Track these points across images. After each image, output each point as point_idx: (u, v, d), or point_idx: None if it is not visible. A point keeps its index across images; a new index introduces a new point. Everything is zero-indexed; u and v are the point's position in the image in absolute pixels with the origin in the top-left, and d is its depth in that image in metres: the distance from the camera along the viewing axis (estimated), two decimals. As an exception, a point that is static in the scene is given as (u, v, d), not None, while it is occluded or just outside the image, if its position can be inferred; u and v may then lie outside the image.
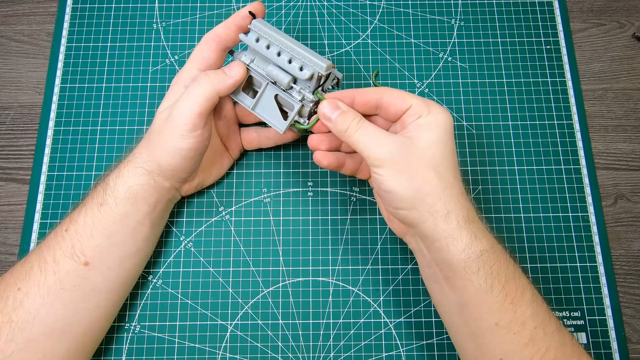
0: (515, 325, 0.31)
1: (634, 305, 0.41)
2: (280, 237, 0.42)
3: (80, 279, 0.34)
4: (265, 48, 0.36)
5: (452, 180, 0.33)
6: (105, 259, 0.35)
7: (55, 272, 0.33)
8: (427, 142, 0.32)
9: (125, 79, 0.47)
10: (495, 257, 0.32)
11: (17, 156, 0.45)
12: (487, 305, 0.31)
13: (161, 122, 0.36)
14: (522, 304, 0.31)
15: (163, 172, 0.36)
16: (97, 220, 0.34)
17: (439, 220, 0.32)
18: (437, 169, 0.32)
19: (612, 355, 0.39)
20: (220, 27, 0.37)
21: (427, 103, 0.34)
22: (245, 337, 0.40)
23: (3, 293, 0.33)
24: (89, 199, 0.36)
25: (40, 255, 0.34)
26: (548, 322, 0.32)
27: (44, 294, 0.33)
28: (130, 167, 0.36)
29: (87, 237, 0.34)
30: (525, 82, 0.47)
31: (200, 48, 0.38)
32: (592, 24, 0.49)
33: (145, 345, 0.39)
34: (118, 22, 0.49)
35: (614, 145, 0.46)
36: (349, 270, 0.41)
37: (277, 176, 0.44)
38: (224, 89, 0.36)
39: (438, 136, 0.33)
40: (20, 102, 0.47)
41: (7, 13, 0.50)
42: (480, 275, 0.31)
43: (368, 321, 0.40)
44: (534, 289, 0.33)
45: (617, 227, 0.43)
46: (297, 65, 0.35)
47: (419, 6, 0.50)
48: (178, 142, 0.35)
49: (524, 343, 0.31)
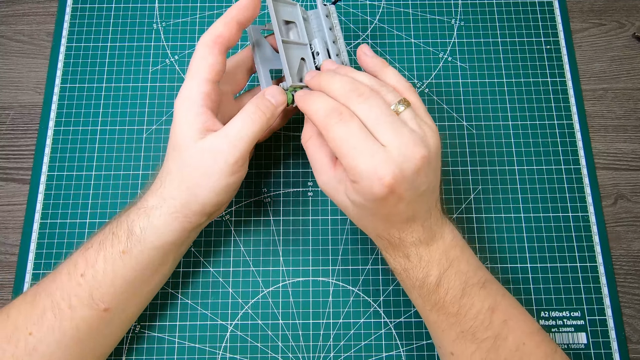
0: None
1: (634, 305, 0.41)
2: (280, 237, 0.42)
3: (99, 323, 0.33)
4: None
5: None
6: (126, 304, 0.34)
7: (72, 319, 0.32)
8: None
9: (125, 79, 0.47)
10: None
11: (17, 156, 0.45)
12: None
13: (202, 159, 0.32)
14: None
15: (204, 211, 0.33)
16: (118, 268, 0.32)
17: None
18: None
19: (612, 355, 0.39)
20: (220, 25, 0.33)
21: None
22: (245, 337, 0.40)
23: (12, 336, 0.31)
24: (108, 243, 0.33)
25: (53, 300, 0.32)
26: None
27: (59, 338, 0.31)
28: (163, 213, 0.33)
29: (107, 285, 0.32)
30: (525, 82, 0.47)
31: (203, 55, 0.33)
32: (592, 24, 0.49)
33: (145, 345, 0.39)
34: (118, 22, 0.49)
35: (614, 145, 0.46)
36: (349, 270, 0.41)
37: (277, 176, 0.44)
38: (272, 120, 0.34)
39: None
40: (20, 102, 0.47)
41: (7, 13, 0.50)
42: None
43: (368, 321, 0.40)
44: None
45: (617, 227, 0.43)
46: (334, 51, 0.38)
47: (419, 6, 0.50)
48: (227, 179, 0.32)
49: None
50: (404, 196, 0.30)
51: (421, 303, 0.34)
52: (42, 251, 0.42)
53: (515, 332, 0.32)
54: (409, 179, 0.29)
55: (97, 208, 0.43)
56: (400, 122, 0.30)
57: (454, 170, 0.44)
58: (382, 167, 0.28)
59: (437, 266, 0.32)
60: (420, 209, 0.31)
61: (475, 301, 0.32)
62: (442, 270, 0.32)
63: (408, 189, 0.29)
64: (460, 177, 0.44)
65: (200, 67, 0.33)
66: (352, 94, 0.31)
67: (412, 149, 0.29)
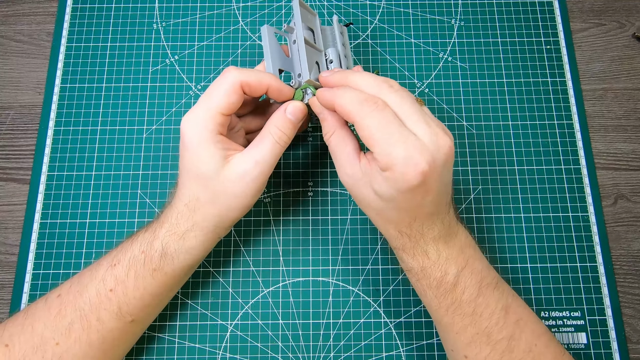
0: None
1: (634, 305, 0.41)
2: (280, 237, 0.42)
3: (124, 333, 0.34)
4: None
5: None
6: (150, 315, 0.36)
7: (99, 331, 0.33)
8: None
9: (125, 79, 0.47)
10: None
11: (17, 156, 0.45)
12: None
13: (232, 184, 0.33)
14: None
15: (232, 225, 0.36)
16: (148, 284, 0.34)
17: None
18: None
19: (612, 355, 0.39)
20: (253, 74, 0.33)
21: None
22: (245, 337, 0.40)
23: (39, 347, 0.32)
24: (139, 262, 0.34)
25: (82, 314, 0.33)
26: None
27: (85, 348, 0.33)
28: (197, 235, 0.34)
29: (137, 299, 0.34)
30: (525, 82, 0.47)
31: (226, 88, 0.33)
32: (592, 24, 0.49)
33: (145, 345, 0.39)
34: (118, 22, 0.49)
35: (614, 145, 0.46)
36: (349, 270, 0.41)
37: (277, 176, 0.44)
38: (292, 137, 0.35)
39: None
40: (20, 102, 0.47)
41: (7, 13, 0.50)
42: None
43: (368, 321, 0.40)
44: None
45: (617, 227, 0.43)
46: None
47: (419, 6, 0.50)
48: (255, 197, 0.34)
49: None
50: (432, 187, 0.30)
51: (436, 304, 0.33)
52: (42, 251, 0.42)
53: (526, 332, 0.32)
54: (439, 170, 0.30)
55: (97, 208, 0.43)
56: (428, 114, 0.31)
57: (454, 170, 0.44)
58: (418, 154, 0.29)
59: (455, 264, 0.32)
60: (441, 204, 0.32)
61: (490, 301, 0.32)
62: (459, 268, 0.32)
63: (437, 180, 0.30)
64: (460, 177, 0.44)
65: (221, 96, 0.33)
66: (384, 85, 0.31)
67: (443, 139, 0.30)
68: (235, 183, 0.33)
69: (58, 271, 0.41)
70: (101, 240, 0.42)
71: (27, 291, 0.41)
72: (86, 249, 0.42)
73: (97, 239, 0.42)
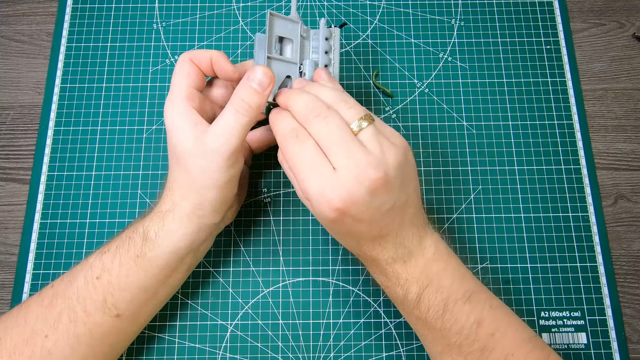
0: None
1: (634, 305, 0.41)
2: (280, 237, 0.42)
3: (112, 329, 0.33)
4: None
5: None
6: (138, 311, 0.35)
7: (86, 323, 0.32)
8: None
9: (125, 79, 0.47)
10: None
11: (17, 156, 0.45)
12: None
13: (200, 160, 0.32)
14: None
15: (215, 208, 0.34)
16: (132, 273, 0.33)
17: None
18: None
19: (612, 355, 0.39)
20: (199, 51, 0.35)
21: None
22: (245, 337, 0.40)
23: (30, 339, 0.32)
24: (124, 248, 0.34)
25: (70, 303, 0.32)
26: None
27: (73, 343, 0.32)
28: (177, 215, 0.33)
29: (121, 289, 0.33)
30: (525, 82, 0.47)
31: (182, 66, 0.34)
32: (592, 24, 0.49)
33: (145, 345, 0.39)
34: (118, 22, 0.49)
35: (614, 145, 0.46)
36: (349, 270, 0.41)
37: (277, 176, 0.44)
38: (261, 106, 0.33)
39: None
40: (20, 102, 0.47)
41: (7, 13, 0.50)
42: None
43: (368, 321, 0.40)
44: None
45: (617, 227, 0.43)
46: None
47: (419, 6, 0.50)
48: (227, 173, 0.33)
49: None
50: (362, 217, 0.30)
51: (406, 317, 0.34)
52: (42, 251, 0.42)
53: (502, 344, 0.31)
54: (361, 201, 0.29)
55: (97, 208, 0.43)
56: (355, 142, 0.30)
57: (454, 170, 0.44)
58: (330, 190, 0.29)
59: (417, 283, 0.32)
60: (389, 227, 0.31)
61: (459, 316, 0.31)
62: (421, 288, 0.32)
63: (365, 210, 0.29)
64: (460, 177, 0.44)
65: (180, 76, 0.34)
66: (310, 114, 0.31)
67: (364, 171, 0.29)
68: (200, 158, 0.32)
69: (58, 271, 0.41)
70: (101, 240, 0.42)
71: (27, 291, 0.41)
72: (86, 249, 0.42)
73: (97, 239, 0.42)
